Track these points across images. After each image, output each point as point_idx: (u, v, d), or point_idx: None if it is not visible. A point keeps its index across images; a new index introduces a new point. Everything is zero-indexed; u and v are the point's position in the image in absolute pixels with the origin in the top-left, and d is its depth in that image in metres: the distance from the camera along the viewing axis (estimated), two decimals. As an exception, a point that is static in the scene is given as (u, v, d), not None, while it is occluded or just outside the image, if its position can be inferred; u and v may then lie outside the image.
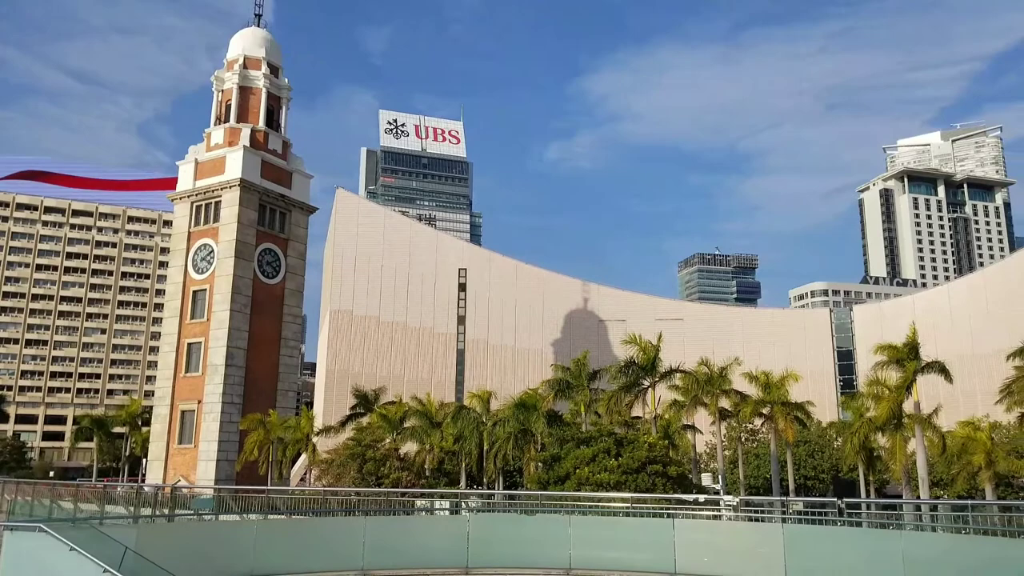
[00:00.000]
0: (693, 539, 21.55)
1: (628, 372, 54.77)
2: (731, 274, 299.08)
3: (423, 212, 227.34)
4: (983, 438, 52.87)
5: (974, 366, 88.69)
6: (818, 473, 78.41)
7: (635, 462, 41.62)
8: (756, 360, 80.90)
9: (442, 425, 62.37)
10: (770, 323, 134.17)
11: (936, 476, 63.45)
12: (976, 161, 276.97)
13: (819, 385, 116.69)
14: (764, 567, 19.50)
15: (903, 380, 49.30)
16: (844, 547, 19.06)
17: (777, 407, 57.02)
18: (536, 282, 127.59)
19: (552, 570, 22.83)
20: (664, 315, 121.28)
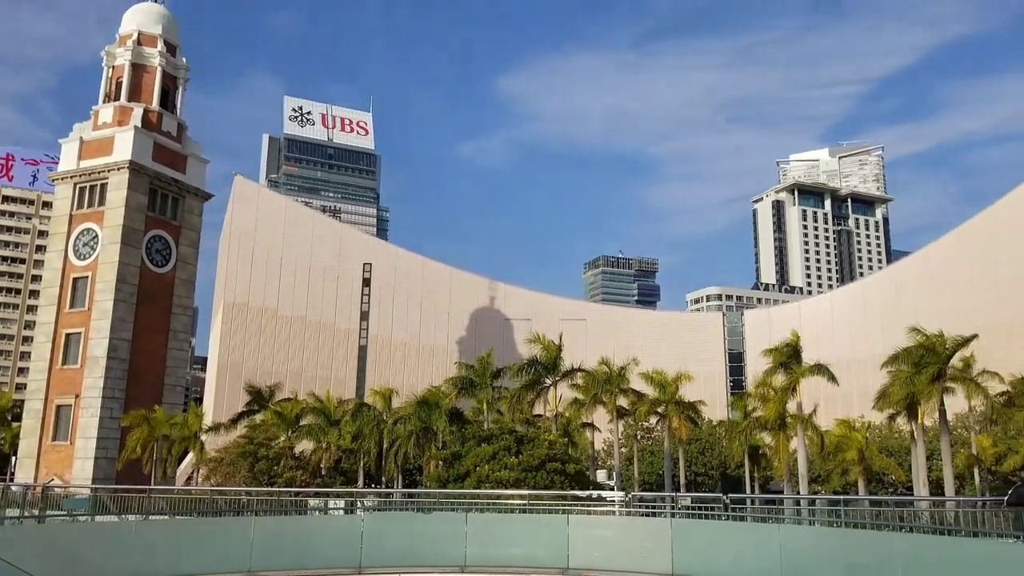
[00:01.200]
0: (587, 535, 21.90)
1: (531, 371, 55.31)
2: (633, 277, 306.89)
3: (328, 204, 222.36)
4: (858, 437, 56.25)
5: (852, 370, 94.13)
6: (707, 470, 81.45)
7: (535, 460, 42.01)
8: (654, 360, 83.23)
9: (340, 423, 61.19)
10: (668, 325, 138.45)
11: (815, 472, 67.00)
12: (860, 177, 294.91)
13: (711, 385, 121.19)
14: (653, 560, 20.01)
15: (788, 382, 51.86)
16: (728, 540, 19.80)
17: (671, 406, 58.88)
18: (443, 279, 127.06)
19: (447, 568, 22.73)
20: (568, 315, 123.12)
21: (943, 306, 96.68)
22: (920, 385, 49.36)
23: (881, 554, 16.10)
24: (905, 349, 51.11)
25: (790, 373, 52.03)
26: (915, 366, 50.03)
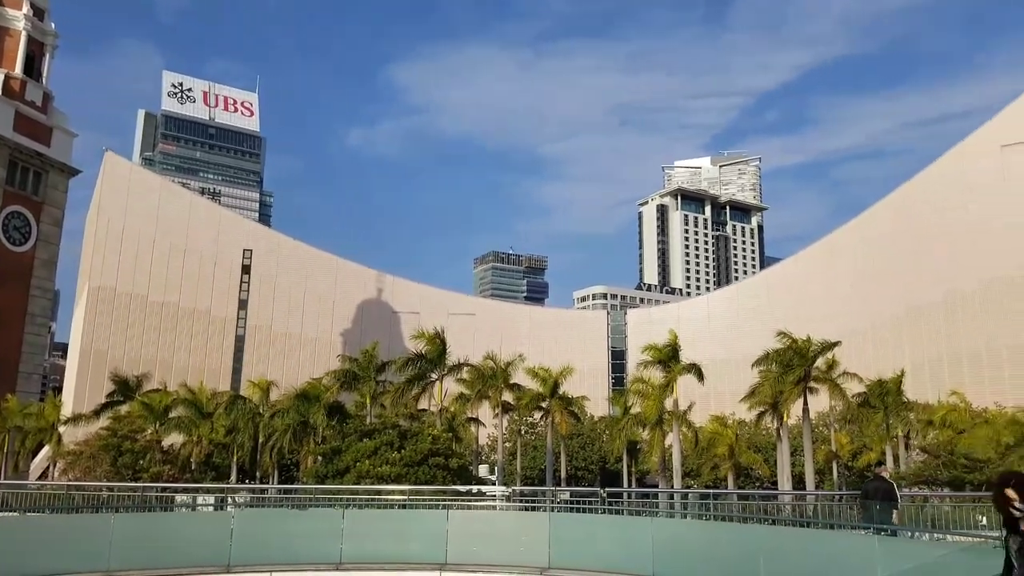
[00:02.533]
0: (466, 529, 21.82)
1: (416, 365, 54.70)
2: (523, 273, 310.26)
3: (207, 186, 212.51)
4: (728, 434, 58.99)
5: (726, 369, 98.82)
6: (588, 464, 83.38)
7: (417, 455, 41.59)
8: (540, 356, 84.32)
9: (214, 416, 58.50)
10: (555, 322, 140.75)
11: (688, 467, 69.83)
12: (738, 186, 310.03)
13: (594, 382, 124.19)
14: (530, 554, 20.15)
15: (666, 380, 53.75)
16: (603, 533, 20.19)
17: (554, 401, 59.77)
18: (329, 269, 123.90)
19: (322, 565, 22.08)
20: (457, 310, 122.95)
21: (810, 311, 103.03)
22: (787, 385, 52.32)
23: (745, 545, 16.80)
24: (774, 351, 54.01)
25: (668, 371, 53.95)
26: (783, 367, 53.00)
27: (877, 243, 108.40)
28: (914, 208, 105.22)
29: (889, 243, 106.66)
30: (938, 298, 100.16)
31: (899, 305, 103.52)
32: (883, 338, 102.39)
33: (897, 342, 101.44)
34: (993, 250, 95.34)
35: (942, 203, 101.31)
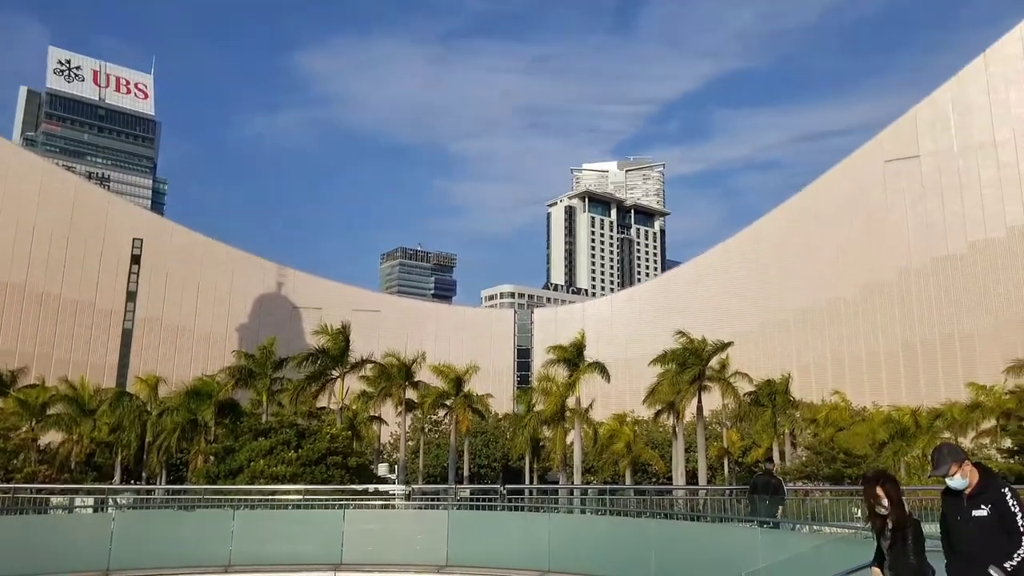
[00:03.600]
0: (363, 529, 21.45)
1: (317, 361, 53.35)
2: (431, 271, 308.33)
3: (95, 170, 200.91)
4: (627, 431, 60.41)
5: (627, 368, 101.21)
6: (491, 462, 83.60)
7: (315, 454, 40.60)
8: (447, 354, 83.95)
9: (97, 413, 55.39)
10: (462, 320, 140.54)
11: (589, 464, 71.15)
12: (643, 191, 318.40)
13: (500, 380, 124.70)
14: (429, 552, 20.01)
15: (570, 378, 54.56)
16: (502, 529, 20.26)
17: (459, 399, 59.64)
18: (226, 261, 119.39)
19: (210, 568, 21.20)
20: (362, 306, 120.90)
21: (706, 313, 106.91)
22: (683, 384, 54.05)
23: (639, 538, 17.22)
24: (672, 351, 55.70)
25: (573, 370, 54.78)
26: (680, 366, 54.72)
27: (768, 250, 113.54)
28: (802, 218, 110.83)
29: (779, 251, 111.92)
30: (823, 304, 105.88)
31: (788, 309, 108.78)
32: (773, 340, 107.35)
33: (786, 344, 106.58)
34: (873, 260, 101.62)
35: (828, 214, 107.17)
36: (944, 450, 7.06)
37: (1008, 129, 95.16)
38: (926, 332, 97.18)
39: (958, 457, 6.94)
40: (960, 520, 6.86)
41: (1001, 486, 6.80)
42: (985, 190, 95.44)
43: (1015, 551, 6.49)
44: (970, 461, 6.98)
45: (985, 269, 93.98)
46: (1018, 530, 6.55)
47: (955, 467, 6.89)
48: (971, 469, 6.93)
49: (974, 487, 6.86)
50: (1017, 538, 6.53)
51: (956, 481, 6.91)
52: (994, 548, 6.58)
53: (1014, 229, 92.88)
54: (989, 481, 6.86)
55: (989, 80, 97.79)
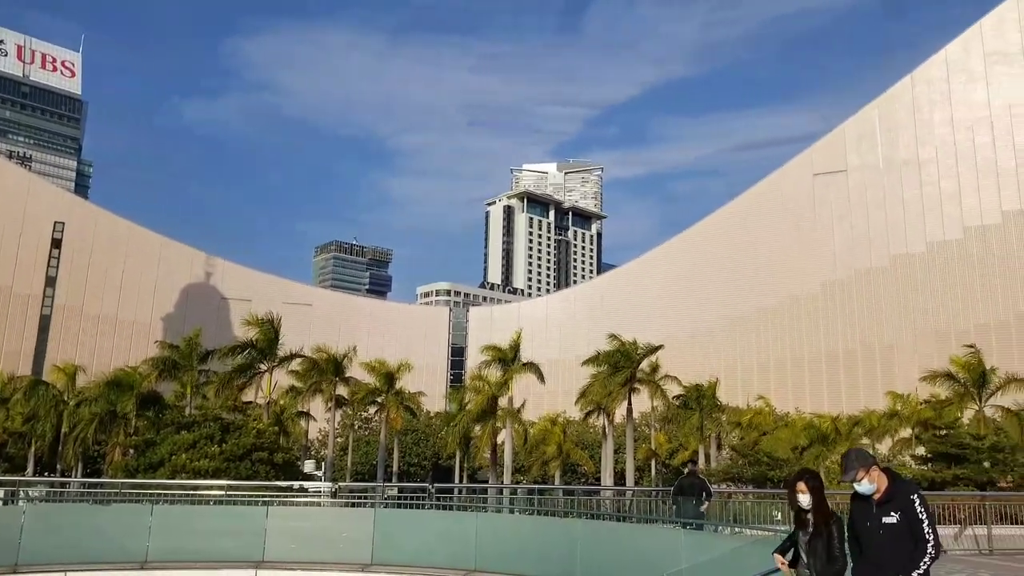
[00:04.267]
0: (286, 527, 21.02)
1: (244, 354, 52.02)
2: (366, 265, 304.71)
3: (16, 149, 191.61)
4: (557, 432, 60.86)
5: (561, 369, 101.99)
6: (421, 460, 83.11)
7: (240, 449, 39.73)
8: (379, 351, 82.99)
9: (10, 402, 52.87)
10: (396, 316, 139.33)
11: (519, 463, 71.40)
12: (581, 193, 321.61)
13: (433, 378, 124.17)
14: (353, 551, 19.75)
15: (504, 378, 54.63)
16: (428, 528, 20.15)
17: (390, 396, 59.06)
18: (152, 248, 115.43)
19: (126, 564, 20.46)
20: (294, 299, 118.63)
21: (639, 316, 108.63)
22: (614, 386, 54.74)
23: (565, 538, 17.34)
24: (604, 352, 56.37)
25: (506, 370, 54.88)
26: (611, 368, 55.42)
27: (701, 257, 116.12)
28: (734, 227, 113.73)
29: (711, 258, 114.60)
30: (752, 311, 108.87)
31: (718, 316, 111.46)
32: (703, 345, 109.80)
33: (715, 349, 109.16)
34: (800, 270, 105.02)
35: (759, 224, 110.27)
36: (852, 455, 7.13)
37: (931, 148, 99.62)
38: (848, 341, 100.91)
39: (866, 462, 6.99)
40: (870, 526, 6.90)
41: (910, 492, 6.86)
42: (907, 206, 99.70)
43: (921, 559, 6.58)
44: (879, 467, 7.03)
45: (905, 282, 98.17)
46: (924, 537, 6.63)
47: (862, 472, 6.93)
48: (879, 475, 6.97)
49: (883, 493, 6.91)
50: (924, 545, 6.61)
51: (864, 486, 6.96)
52: (902, 555, 6.65)
53: (933, 245, 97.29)
54: (898, 487, 6.90)
55: (915, 100, 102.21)
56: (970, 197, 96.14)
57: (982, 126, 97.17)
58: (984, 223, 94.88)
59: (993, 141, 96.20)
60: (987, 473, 38.76)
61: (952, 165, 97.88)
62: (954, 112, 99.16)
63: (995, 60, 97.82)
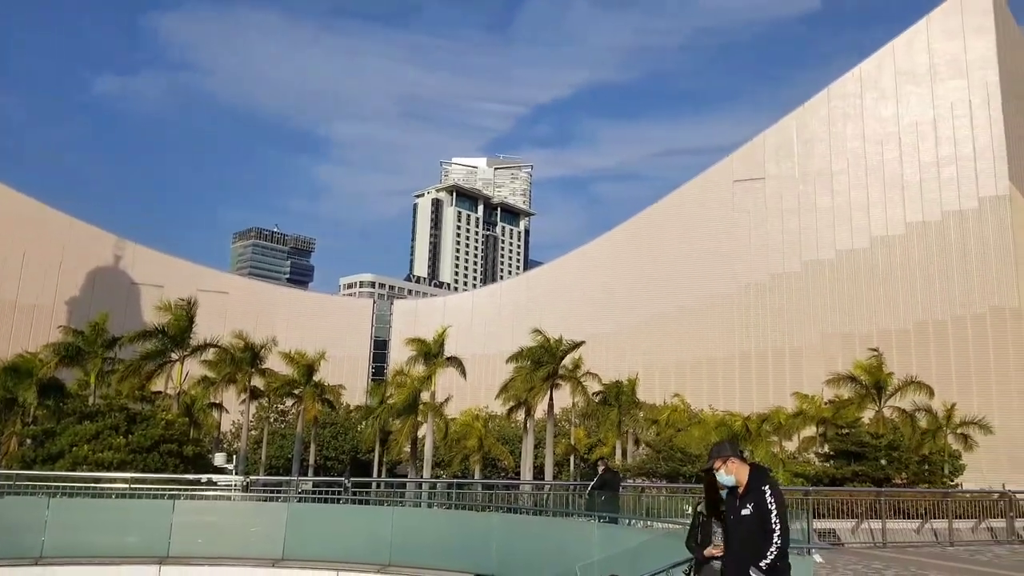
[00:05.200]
0: (194, 521, 20.37)
1: (155, 340, 50.01)
2: (287, 254, 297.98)
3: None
4: (478, 426, 60.96)
5: (484, 364, 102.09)
6: (339, 454, 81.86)
7: (147, 440, 38.24)
8: (298, 342, 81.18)
9: None
10: (318, 307, 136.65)
11: (439, 458, 71.20)
12: (510, 190, 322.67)
13: (354, 371, 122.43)
14: (264, 545, 19.32)
15: (426, 372, 54.32)
16: (343, 522, 19.89)
17: (308, 389, 57.92)
18: (56, 229, 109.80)
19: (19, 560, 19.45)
20: (209, 286, 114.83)
21: (563, 314, 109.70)
22: (536, 381, 55.22)
23: (482, 532, 17.37)
24: (528, 348, 56.79)
25: (430, 364, 54.59)
26: (534, 364, 55.87)
27: (623, 257, 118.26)
28: (656, 229, 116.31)
29: (634, 258, 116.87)
30: (671, 311, 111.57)
31: (639, 314, 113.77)
32: (624, 343, 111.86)
33: (635, 347, 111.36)
34: (718, 273, 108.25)
35: (680, 227, 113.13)
36: (715, 446, 7.41)
37: (843, 160, 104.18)
38: (761, 343, 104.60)
39: (723, 453, 7.19)
40: (732, 519, 7.08)
41: (762, 484, 7.00)
42: (820, 215, 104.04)
43: (768, 550, 6.74)
44: (739, 459, 7.19)
45: (815, 288, 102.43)
46: (771, 528, 6.78)
47: (719, 463, 7.15)
48: (738, 467, 7.13)
49: (744, 487, 7.08)
50: (771, 536, 6.77)
51: (722, 476, 7.16)
52: (755, 547, 6.81)
53: (842, 252, 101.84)
54: (755, 481, 7.05)
55: (830, 114, 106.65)
56: (877, 208, 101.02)
57: (891, 141, 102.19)
58: (889, 234, 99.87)
59: (900, 156, 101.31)
60: (884, 470, 40.85)
61: (862, 177, 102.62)
62: (865, 127, 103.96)
63: (904, 79, 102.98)
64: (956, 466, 53.11)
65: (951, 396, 66.09)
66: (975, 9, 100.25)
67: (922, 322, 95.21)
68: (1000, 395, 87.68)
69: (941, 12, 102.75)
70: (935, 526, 25.12)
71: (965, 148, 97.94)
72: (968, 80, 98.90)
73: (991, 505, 27.85)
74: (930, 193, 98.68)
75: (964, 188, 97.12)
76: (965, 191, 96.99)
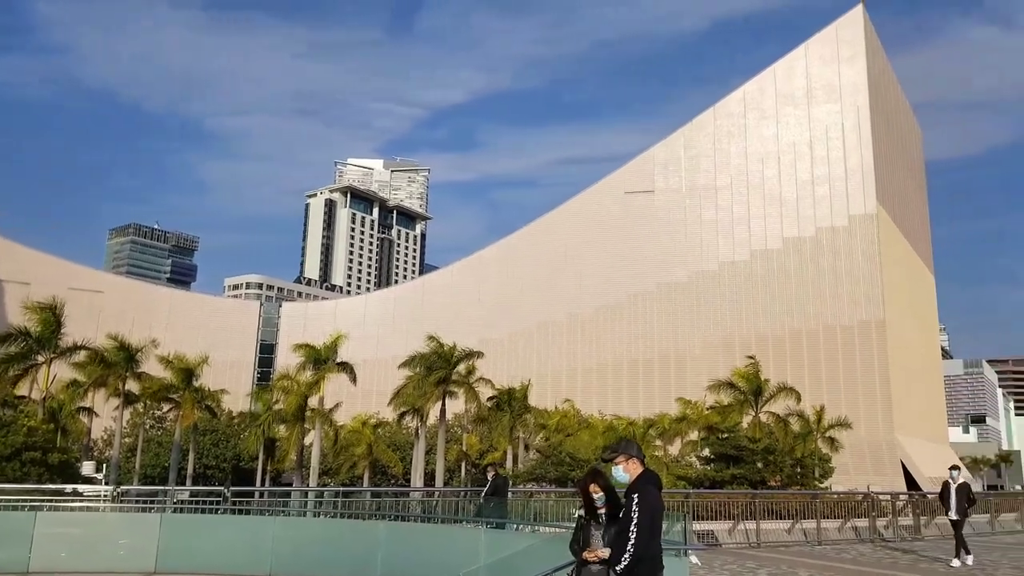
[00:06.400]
0: (58, 533, 19.08)
1: (19, 342, 46.52)
2: (168, 252, 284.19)
3: None
4: (368, 433, 59.95)
5: (375, 369, 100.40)
6: (220, 462, 78.53)
7: (8, 448, 35.80)
8: (180, 344, 77.55)
9: None
10: (201, 308, 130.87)
11: (327, 465, 69.52)
12: (407, 193, 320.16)
13: (238, 375, 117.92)
14: (135, 559, 18.29)
15: (315, 378, 52.91)
16: (221, 533, 19.10)
17: (188, 394, 55.30)
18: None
19: None
20: (82, 285, 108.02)
21: (458, 319, 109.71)
22: (428, 387, 54.88)
23: (367, 541, 17.07)
24: (421, 354, 56.38)
25: (320, 370, 53.21)
26: (427, 370, 55.51)
27: (518, 264, 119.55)
28: (550, 237, 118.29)
29: (528, 265, 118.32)
30: (563, 318, 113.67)
31: (533, 321, 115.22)
32: (517, 349, 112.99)
33: (528, 354, 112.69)
34: (609, 281, 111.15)
35: (573, 236, 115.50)
36: (624, 441, 7.73)
37: (727, 176, 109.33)
38: (648, 350, 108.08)
39: (628, 451, 7.49)
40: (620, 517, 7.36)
41: (635, 489, 7.26)
42: (705, 228, 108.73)
43: (622, 555, 6.98)
44: (638, 461, 7.48)
45: (700, 297, 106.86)
46: (627, 530, 7.03)
47: (622, 458, 7.46)
48: (635, 468, 7.42)
49: (627, 489, 7.37)
50: (627, 543, 7.00)
51: (619, 472, 7.47)
52: (619, 549, 7.06)
53: (724, 264, 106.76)
54: (633, 487, 7.33)
55: (716, 131, 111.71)
56: (758, 223, 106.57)
57: (770, 159, 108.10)
58: (768, 247, 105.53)
59: (779, 174, 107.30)
60: (760, 473, 42.94)
61: (744, 193, 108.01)
62: (748, 145, 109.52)
63: (784, 101, 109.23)
64: (826, 469, 56.45)
65: (821, 402, 70.38)
66: (848, 38, 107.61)
67: (796, 331, 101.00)
68: (866, 402, 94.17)
69: (818, 40, 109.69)
70: (805, 526, 26.58)
71: (837, 169, 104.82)
72: (841, 104, 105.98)
73: (856, 506, 29.74)
74: (805, 210, 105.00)
75: (836, 206, 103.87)
76: (837, 209, 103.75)
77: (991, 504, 34.22)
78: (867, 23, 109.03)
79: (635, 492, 7.23)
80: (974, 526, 31.05)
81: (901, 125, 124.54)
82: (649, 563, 7.10)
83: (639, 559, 7.01)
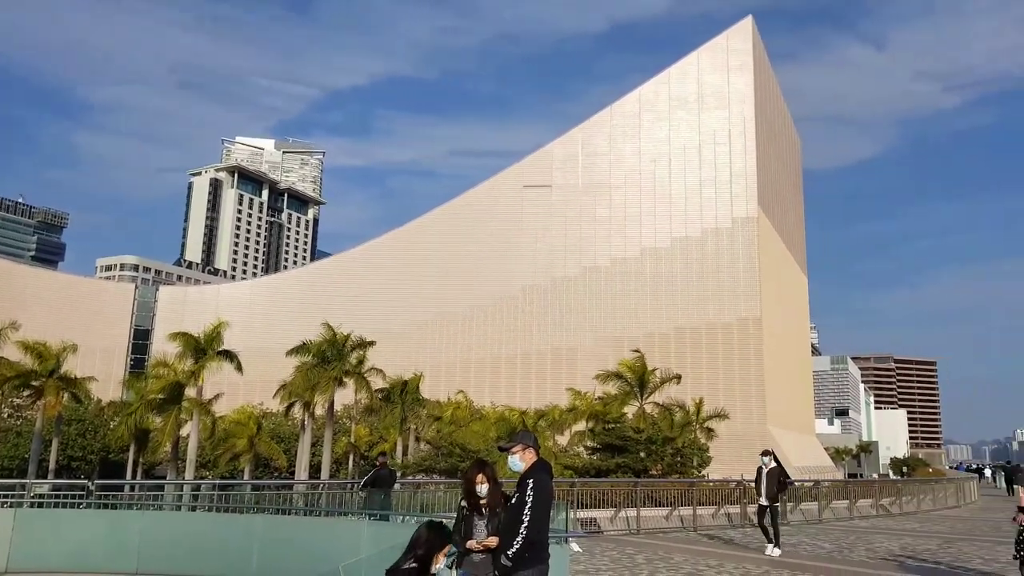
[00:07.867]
0: None
1: None
2: (34, 229, 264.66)
3: None
4: (251, 424, 57.85)
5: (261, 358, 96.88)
6: (87, 454, 73.81)
7: None
8: (45, 328, 72.41)
9: None
10: (68, 290, 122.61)
11: (206, 458, 66.55)
12: (299, 176, 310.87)
13: (110, 362, 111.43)
14: (-20, 559, 16.81)
15: (195, 367, 50.44)
16: (84, 529, 17.91)
17: (51, 381, 51.59)
18: None
19: None
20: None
21: (352, 308, 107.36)
22: (319, 378, 53.38)
23: (244, 535, 16.41)
24: (312, 343, 54.75)
25: (200, 357, 50.79)
26: (318, 359, 54.01)
27: (415, 254, 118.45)
28: (447, 228, 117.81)
29: (425, 255, 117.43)
30: (460, 309, 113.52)
31: (428, 311, 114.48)
32: (412, 339, 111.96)
33: (423, 344, 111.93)
34: (504, 274, 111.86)
35: (470, 227, 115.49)
36: (522, 432, 7.95)
37: (622, 175, 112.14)
38: (541, 342, 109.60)
39: (525, 441, 7.65)
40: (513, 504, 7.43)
41: (529, 476, 7.35)
42: (598, 224, 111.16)
43: (514, 539, 7.03)
44: (534, 451, 7.57)
45: (590, 292, 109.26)
46: (520, 515, 7.10)
47: (519, 448, 7.59)
48: (531, 458, 7.51)
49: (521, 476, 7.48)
50: (518, 527, 7.07)
51: (515, 461, 7.56)
52: (510, 535, 7.11)
53: (615, 260, 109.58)
54: (527, 474, 7.41)
55: (612, 131, 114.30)
56: (648, 221, 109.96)
57: (662, 160, 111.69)
58: (656, 246, 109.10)
59: (670, 175, 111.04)
60: (643, 462, 44.27)
61: (637, 192, 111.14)
62: (642, 145, 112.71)
63: (677, 105, 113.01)
64: (704, 458, 58.80)
65: (702, 395, 73.39)
66: (738, 48, 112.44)
67: (680, 328, 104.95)
68: (742, 396, 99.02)
69: (709, 48, 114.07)
70: (682, 513, 27.57)
71: (723, 172, 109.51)
72: (729, 111, 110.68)
73: (729, 493, 31.13)
74: (692, 211, 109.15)
75: (720, 209, 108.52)
76: (721, 211, 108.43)
77: (851, 491, 36.63)
78: (755, 35, 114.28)
79: (530, 478, 7.32)
80: (835, 512, 33.15)
81: (782, 134, 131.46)
82: (539, 547, 7.19)
83: (531, 543, 7.06)
